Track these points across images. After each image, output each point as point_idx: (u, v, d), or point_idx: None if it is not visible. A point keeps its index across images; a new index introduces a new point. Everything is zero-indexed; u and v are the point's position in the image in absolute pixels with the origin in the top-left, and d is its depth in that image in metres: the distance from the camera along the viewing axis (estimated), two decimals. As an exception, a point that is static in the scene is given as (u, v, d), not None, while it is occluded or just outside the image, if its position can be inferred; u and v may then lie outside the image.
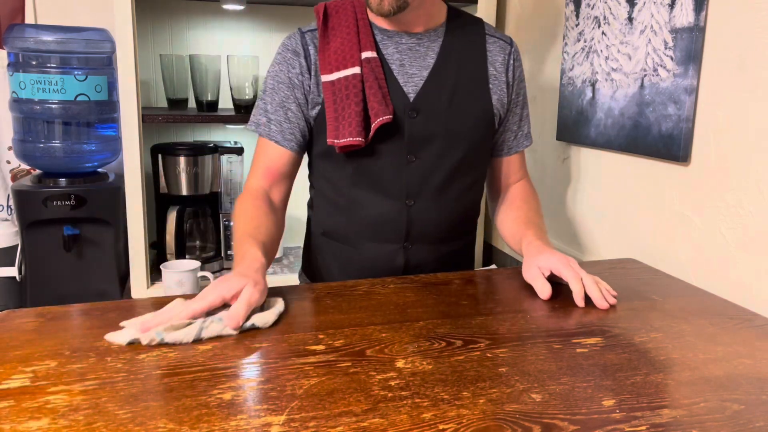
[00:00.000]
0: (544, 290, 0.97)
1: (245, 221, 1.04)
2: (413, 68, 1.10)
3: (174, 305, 0.83)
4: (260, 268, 0.91)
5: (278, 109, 1.11)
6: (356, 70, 1.06)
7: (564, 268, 0.98)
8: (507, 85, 1.16)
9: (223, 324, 0.80)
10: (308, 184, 1.23)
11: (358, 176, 1.11)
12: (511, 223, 1.18)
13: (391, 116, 1.05)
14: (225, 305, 0.84)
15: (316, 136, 1.14)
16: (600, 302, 0.94)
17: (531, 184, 1.27)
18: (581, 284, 0.96)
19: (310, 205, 1.25)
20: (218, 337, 0.80)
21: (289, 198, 1.18)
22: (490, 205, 1.30)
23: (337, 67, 1.06)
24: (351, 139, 1.04)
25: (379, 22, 1.11)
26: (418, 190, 1.11)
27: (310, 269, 1.26)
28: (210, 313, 0.82)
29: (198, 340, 0.78)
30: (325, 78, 1.07)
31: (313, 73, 1.10)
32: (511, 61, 1.17)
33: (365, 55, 1.07)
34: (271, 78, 1.13)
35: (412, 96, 1.09)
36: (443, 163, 1.11)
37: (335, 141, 1.06)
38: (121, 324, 0.81)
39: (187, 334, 0.78)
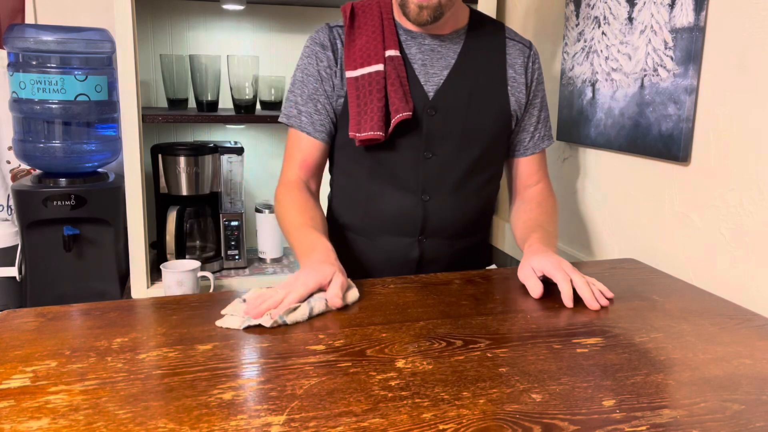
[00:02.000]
0: (535, 289, 0.98)
1: (297, 212, 1.09)
2: (434, 68, 1.14)
3: (273, 291, 0.89)
4: (336, 257, 0.99)
5: (308, 101, 1.15)
6: (380, 67, 1.10)
7: (554, 270, 0.98)
8: (526, 87, 1.20)
9: (327, 304, 0.90)
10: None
11: (376, 170, 1.15)
12: (521, 225, 1.19)
13: (410, 113, 1.08)
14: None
15: (337, 129, 1.18)
16: (591, 303, 0.94)
17: (550, 187, 1.28)
18: (570, 285, 0.96)
19: (330, 198, 1.29)
20: (218, 337, 0.80)
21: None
22: (509, 207, 1.31)
23: (362, 63, 1.10)
24: (372, 133, 1.08)
25: (405, 23, 1.14)
26: (434, 186, 1.15)
27: None
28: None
29: (309, 317, 0.87)
30: (350, 74, 1.11)
31: (339, 67, 1.14)
32: (530, 64, 1.21)
33: (389, 53, 1.11)
34: (300, 71, 1.17)
35: (431, 94, 1.13)
36: (459, 161, 1.15)
37: (357, 134, 1.10)
38: (223, 312, 0.88)
39: (302, 315, 0.86)
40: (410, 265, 1.18)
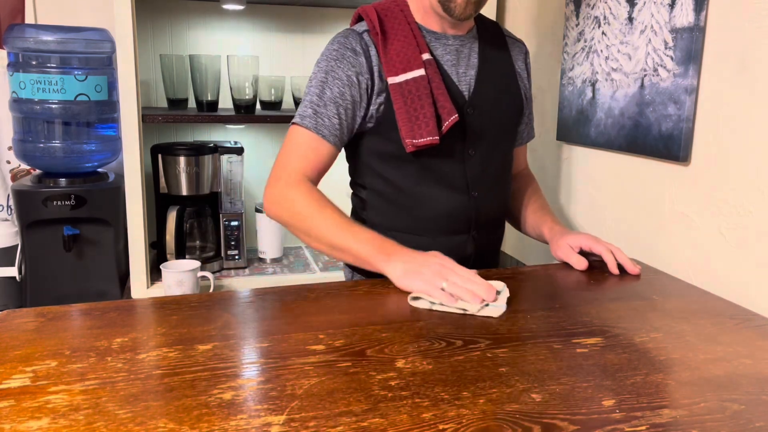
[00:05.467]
0: (580, 263, 1.11)
1: (332, 209, 1.07)
2: (461, 67, 1.17)
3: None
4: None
5: (329, 104, 1.10)
6: (421, 71, 1.10)
7: (594, 243, 1.13)
8: (528, 82, 1.29)
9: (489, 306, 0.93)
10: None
11: (423, 174, 1.15)
12: (529, 211, 1.30)
13: (457, 114, 1.10)
14: None
15: (372, 136, 1.16)
16: (632, 269, 1.10)
17: (530, 172, 1.41)
18: (612, 255, 1.10)
19: (362, 206, 1.23)
20: (218, 337, 0.80)
21: None
22: None
23: (403, 69, 1.10)
24: (430, 138, 1.08)
25: (429, 24, 1.16)
26: (479, 182, 1.18)
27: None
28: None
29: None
30: (393, 80, 1.10)
31: (375, 74, 1.12)
32: (528, 60, 1.30)
33: (425, 57, 1.12)
34: (323, 72, 1.12)
35: (467, 94, 1.17)
36: (497, 154, 1.21)
37: (413, 141, 1.09)
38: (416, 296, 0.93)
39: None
40: (464, 261, 1.13)
